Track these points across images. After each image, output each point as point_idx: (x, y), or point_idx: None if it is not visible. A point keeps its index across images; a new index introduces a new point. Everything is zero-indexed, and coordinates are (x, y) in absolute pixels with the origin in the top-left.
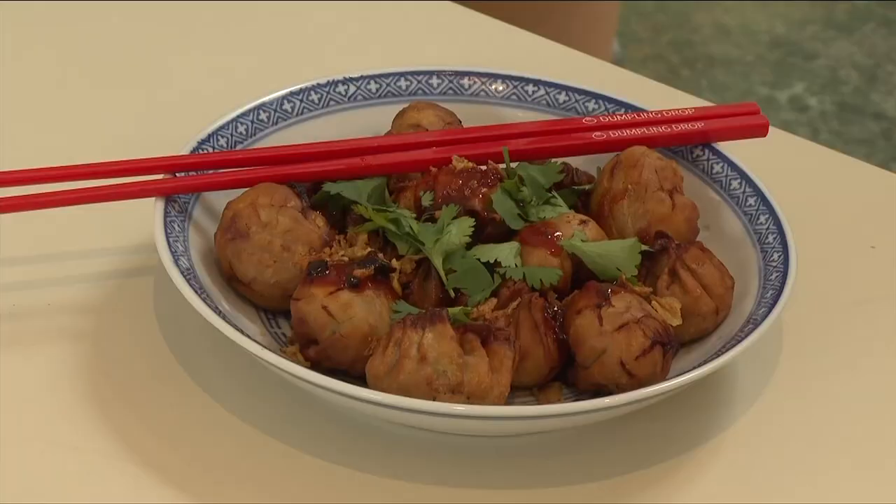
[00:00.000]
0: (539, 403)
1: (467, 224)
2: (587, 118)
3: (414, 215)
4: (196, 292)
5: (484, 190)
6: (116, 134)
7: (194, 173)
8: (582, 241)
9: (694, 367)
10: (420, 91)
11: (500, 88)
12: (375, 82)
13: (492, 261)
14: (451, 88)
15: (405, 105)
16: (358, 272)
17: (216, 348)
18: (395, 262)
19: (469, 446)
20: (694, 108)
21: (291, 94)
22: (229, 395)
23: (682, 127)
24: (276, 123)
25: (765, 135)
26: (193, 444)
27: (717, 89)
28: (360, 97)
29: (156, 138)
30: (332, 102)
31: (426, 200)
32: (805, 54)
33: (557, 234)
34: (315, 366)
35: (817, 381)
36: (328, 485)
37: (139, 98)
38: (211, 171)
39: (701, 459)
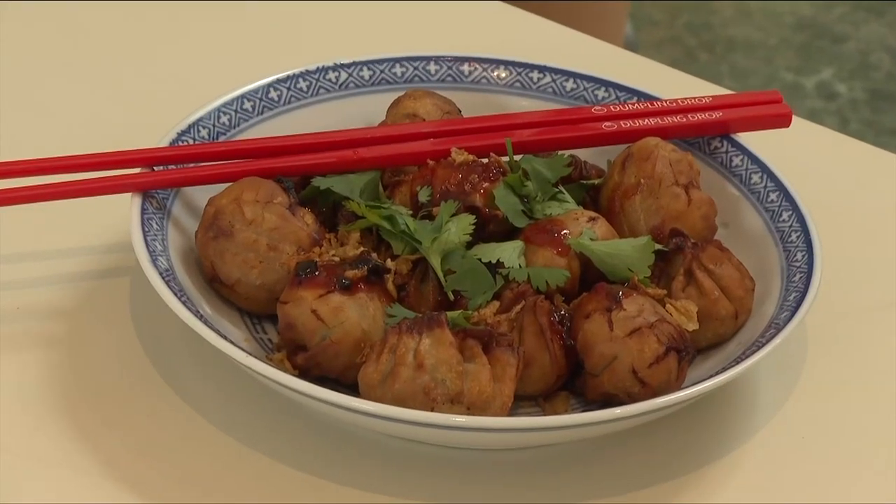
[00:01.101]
0: (545, 414)
1: (467, 221)
2: (597, 107)
3: (410, 212)
4: (175, 295)
5: (485, 185)
6: (90, 126)
7: (174, 167)
8: (591, 239)
9: (711, 376)
10: (417, 78)
11: (503, 75)
12: (369, 69)
13: (494, 261)
14: (450, 75)
15: (401, 93)
16: (350, 273)
17: (197, 355)
18: (389, 263)
19: (469, 460)
20: (712, 96)
21: (278, 81)
22: (211, 405)
23: (699, 117)
24: (262, 113)
25: (788, 125)
26: (172, 459)
27: (738, 75)
28: (352, 85)
29: (132, 130)
30: (321, 90)
31: (423, 196)
32: (833, 37)
33: (564, 232)
34: (303, 374)
35: (844, 390)
36: (317, 502)
37: (114, 87)
38: (192, 165)
39: (719, 475)
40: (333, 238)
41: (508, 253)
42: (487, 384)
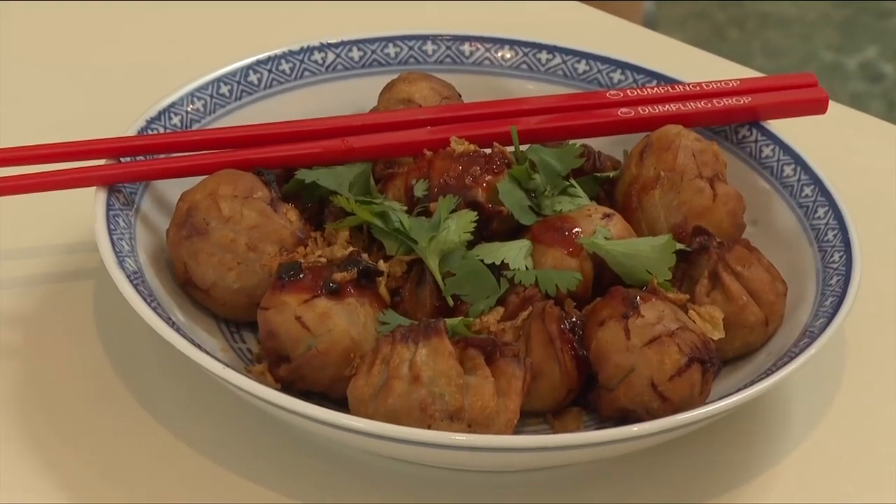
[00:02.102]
0: (554, 432)
1: (468, 219)
2: (612, 92)
3: (405, 208)
4: (144, 300)
5: (488, 178)
6: (48, 112)
7: (142, 158)
8: (605, 238)
9: (739, 389)
10: (412, 59)
11: (508, 56)
12: (359, 49)
13: (498, 262)
14: (448, 56)
15: (394, 76)
16: (338, 276)
17: (168, 367)
18: (381, 264)
19: (470, 483)
20: (740, 79)
21: (258, 63)
22: (184, 423)
23: (726, 102)
24: (240, 98)
25: (824, 111)
26: (140, 482)
27: (772, 54)
28: (340, 67)
29: (95, 117)
30: (306, 73)
31: (419, 190)
32: (879, 11)
33: (576, 230)
34: (286, 388)
35: (886, 405)
36: None
37: (74, 69)
38: (162, 156)
39: (746, 500)
40: (320, 237)
41: (514, 253)
42: (490, 399)
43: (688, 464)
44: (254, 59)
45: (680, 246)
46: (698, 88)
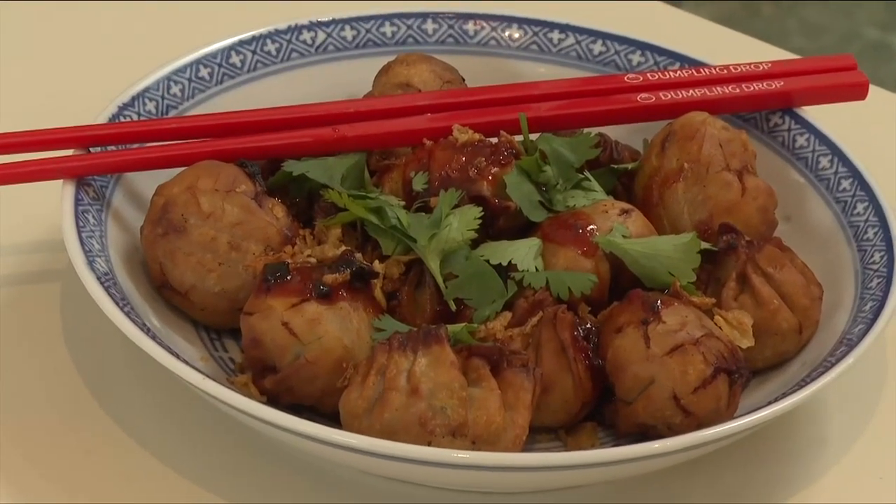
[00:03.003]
0: (567, 450)
1: (472, 215)
2: (630, 75)
3: (402, 203)
4: (116, 304)
5: (494, 170)
6: (11, 98)
7: (114, 148)
8: (623, 236)
9: (770, 403)
10: (410, 39)
11: (517, 36)
12: (352, 28)
13: (504, 263)
14: (451, 36)
15: (391, 58)
16: (329, 278)
17: (143, 378)
18: (377, 265)
19: None
20: (771, 61)
21: (241, 43)
22: (161, 439)
23: (756, 87)
24: (222, 82)
25: (864, 97)
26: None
27: (810, 32)
28: (331, 47)
29: (63, 102)
30: (294, 55)
31: (418, 184)
32: None
33: (591, 227)
34: (272, 401)
35: None
36: None
37: (40, 50)
38: (136, 146)
39: None
40: (309, 235)
41: (522, 253)
42: (497, 413)
43: (713, 485)
44: (236, 38)
45: (705, 245)
46: (726, 72)
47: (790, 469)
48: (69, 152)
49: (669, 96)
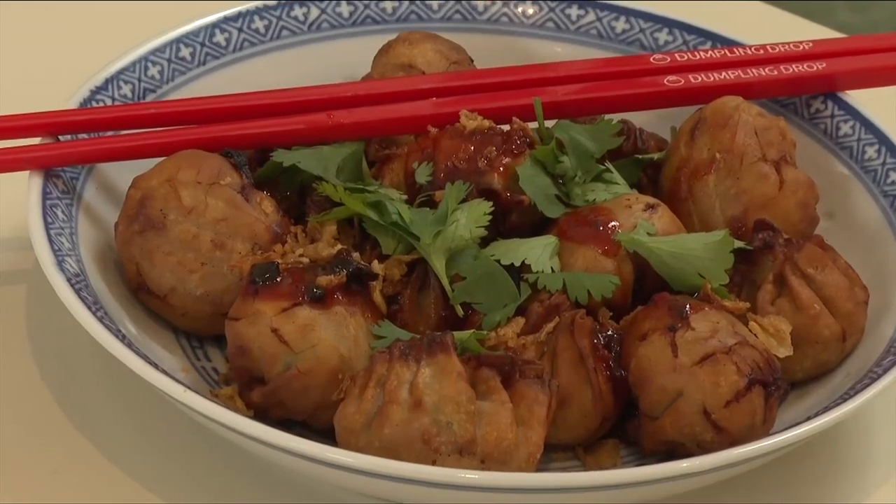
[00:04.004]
0: (586, 469)
1: (481, 210)
2: (657, 56)
3: (404, 197)
4: (89, 308)
5: (506, 160)
6: None
7: (86, 136)
8: (648, 234)
9: (810, 417)
10: (413, 16)
11: (531, 12)
12: (348, 3)
13: (517, 263)
14: (458, 12)
15: (392, 36)
16: (323, 280)
17: (117, 390)
18: (376, 266)
19: None
20: (813, 40)
21: (226, 19)
22: (136, 457)
23: (796, 68)
24: (205, 63)
25: None
26: None
27: (857, 6)
28: (325, 25)
29: (30, 86)
30: (285, 32)
31: (422, 176)
32: None
33: (613, 224)
34: (261, 415)
35: None
36: None
37: (5, 31)
38: (110, 134)
39: None
40: (301, 232)
41: (537, 252)
42: (508, 429)
43: None
44: (221, 14)
45: (739, 243)
46: (762, 52)
47: (833, 491)
48: (36, 141)
49: (700, 79)
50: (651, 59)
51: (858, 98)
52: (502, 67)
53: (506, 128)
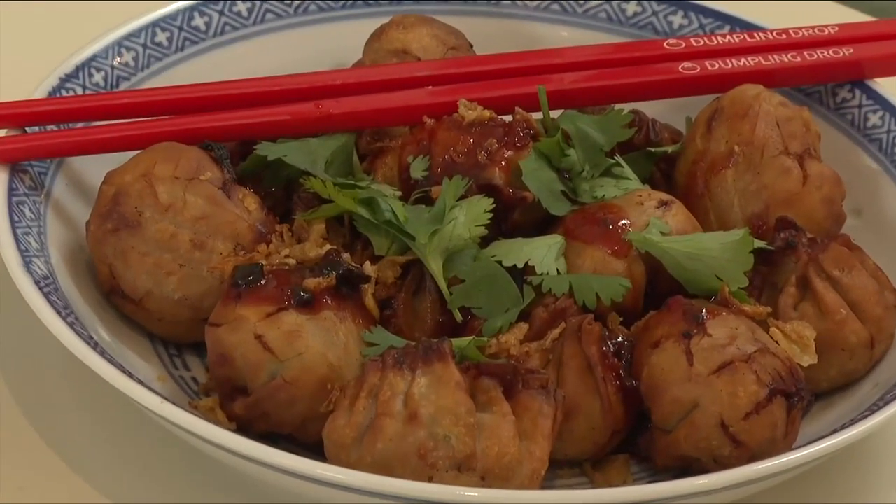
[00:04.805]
0: (594, 486)
1: (482, 208)
2: (670, 41)
3: (398, 193)
4: (57, 313)
5: (508, 153)
6: None
7: (54, 128)
8: (662, 233)
9: (836, 431)
10: None
11: None
12: None
13: (520, 265)
14: None
15: (385, 20)
16: (311, 283)
17: (88, 401)
18: (367, 267)
19: None
20: (839, 24)
21: (206, 1)
22: (108, 472)
23: (821, 54)
24: (183, 49)
25: None
26: None
27: None
28: (313, 7)
29: None
30: (269, 16)
31: (418, 170)
32: None
33: (623, 222)
34: (243, 428)
35: None
36: None
37: None
38: (81, 125)
39: None
40: (287, 231)
41: (541, 253)
42: (510, 443)
43: None
44: None
45: (759, 243)
46: (784, 37)
47: None
48: (1, 133)
49: (717, 66)
50: (664, 45)
51: (888, 86)
52: (504, 53)
53: (508, 118)
